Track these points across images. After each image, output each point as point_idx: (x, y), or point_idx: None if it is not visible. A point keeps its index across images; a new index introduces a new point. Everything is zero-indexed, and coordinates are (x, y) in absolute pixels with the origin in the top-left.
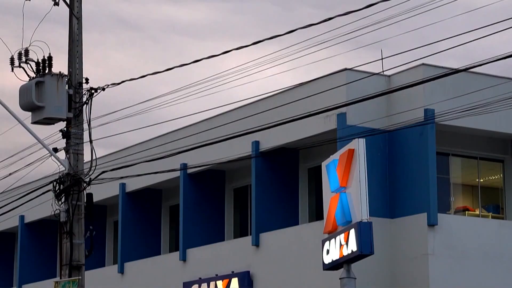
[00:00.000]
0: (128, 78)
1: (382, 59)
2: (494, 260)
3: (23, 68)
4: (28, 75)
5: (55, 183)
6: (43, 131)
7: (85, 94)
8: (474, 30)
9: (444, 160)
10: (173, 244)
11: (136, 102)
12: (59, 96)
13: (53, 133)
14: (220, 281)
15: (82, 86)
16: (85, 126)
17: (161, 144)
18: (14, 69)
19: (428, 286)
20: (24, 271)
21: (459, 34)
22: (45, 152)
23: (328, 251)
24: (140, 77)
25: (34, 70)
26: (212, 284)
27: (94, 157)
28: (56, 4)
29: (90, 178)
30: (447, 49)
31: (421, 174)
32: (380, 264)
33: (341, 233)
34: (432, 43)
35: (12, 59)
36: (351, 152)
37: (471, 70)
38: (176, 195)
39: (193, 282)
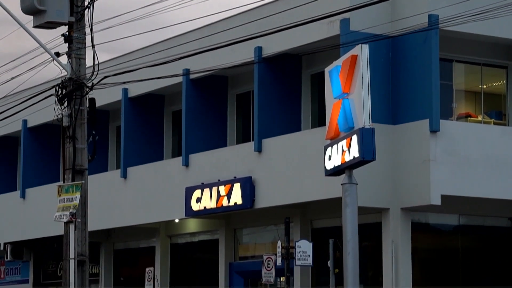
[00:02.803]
0: None
1: None
2: (495, 166)
3: None
4: None
5: (57, 87)
6: (45, 35)
7: None
8: None
9: (447, 66)
10: (176, 149)
11: (139, 6)
12: (61, 0)
13: (55, 37)
14: (222, 187)
15: None
16: (87, 30)
17: (164, 49)
18: None
19: (429, 192)
20: (27, 175)
21: None
22: (47, 56)
23: (330, 157)
24: None
25: None
26: (214, 189)
27: (96, 62)
28: None
29: (92, 83)
30: None
31: (424, 80)
32: (382, 170)
33: (343, 139)
34: None
35: None
36: (354, 58)
37: None
38: (179, 100)
39: (196, 187)
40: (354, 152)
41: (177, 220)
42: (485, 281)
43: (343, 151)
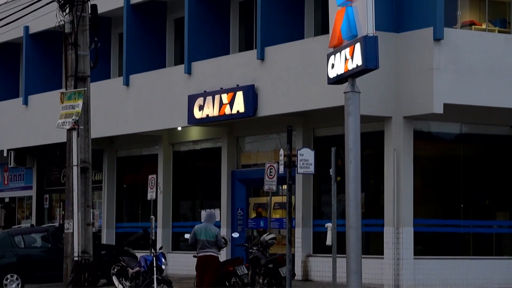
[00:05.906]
0: None
1: None
2: (499, 74)
3: None
4: None
5: None
6: None
7: None
8: None
9: None
10: (178, 57)
11: None
12: None
13: None
14: (225, 94)
15: None
16: None
17: None
18: None
19: (432, 101)
20: (30, 82)
21: None
22: None
23: (333, 65)
24: None
25: None
26: (217, 97)
27: None
28: None
29: None
30: None
31: None
32: (385, 78)
33: (347, 47)
34: None
35: None
36: None
37: None
38: (181, 8)
39: (198, 95)
40: (357, 60)
41: (179, 128)
42: (486, 189)
43: (346, 59)
